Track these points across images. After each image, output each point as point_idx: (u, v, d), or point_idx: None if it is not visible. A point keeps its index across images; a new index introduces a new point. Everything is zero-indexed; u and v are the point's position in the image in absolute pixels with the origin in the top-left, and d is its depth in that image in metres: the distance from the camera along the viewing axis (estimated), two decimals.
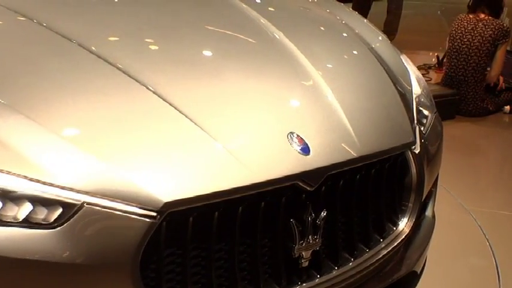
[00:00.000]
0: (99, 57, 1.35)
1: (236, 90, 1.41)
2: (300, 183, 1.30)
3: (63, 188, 1.10)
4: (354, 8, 6.63)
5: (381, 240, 1.53)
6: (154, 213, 1.13)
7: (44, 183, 1.10)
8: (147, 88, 1.30)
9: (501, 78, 4.60)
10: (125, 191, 1.13)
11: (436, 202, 3.13)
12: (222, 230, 1.24)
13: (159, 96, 1.29)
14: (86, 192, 1.11)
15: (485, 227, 2.94)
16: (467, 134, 4.39)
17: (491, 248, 2.75)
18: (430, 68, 5.56)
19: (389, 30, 7.03)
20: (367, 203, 1.48)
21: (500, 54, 4.46)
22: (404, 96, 1.69)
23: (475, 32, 4.42)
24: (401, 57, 1.96)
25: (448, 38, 4.65)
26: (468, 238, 2.87)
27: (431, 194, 1.88)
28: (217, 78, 1.43)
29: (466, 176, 3.62)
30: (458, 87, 4.54)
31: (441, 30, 4.69)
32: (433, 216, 1.91)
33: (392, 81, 1.70)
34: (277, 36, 1.68)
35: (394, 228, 1.57)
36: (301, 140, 1.34)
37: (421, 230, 1.79)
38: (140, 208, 1.12)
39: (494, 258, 2.67)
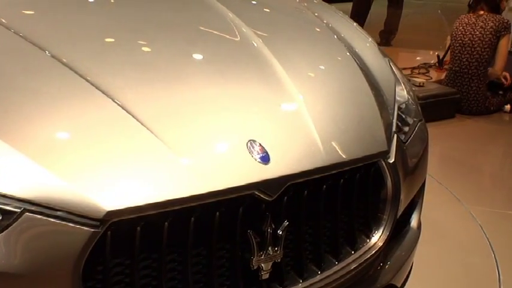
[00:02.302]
0: (55, 59, 1.31)
1: (198, 96, 1.36)
2: (258, 193, 1.24)
3: (2, 195, 1.07)
4: (354, 8, 6.58)
5: (352, 252, 1.46)
6: (96, 222, 1.09)
7: None
8: (99, 90, 1.26)
9: (507, 75, 4.56)
10: (67, 199, 1.09)
11: (436, 201, 3.09)
12: (174, 241, 1.19)
13: (111, 98, 1.25)
14: (27, 200, 1.07)
15: (486, 226, 2.89)
16: (468, 132, 4.35)
17: (491, 248, 2.70)
18: (430, 67, 5.50)
19: (390, 29, 6.93)
20: (336, 214, 1.42)
21: (503, 46, 4.48)
22: (383, 104, 1.62)
23: (477, 25, 4.49)
24: (388, 62, 1.88)
25: (449, 37, 4.69)
26: (468, 237, 2.82)
27: (416, 204, 1.81)
28: (179, 83, 1.38)
29: (466, 174, 3.57)
30: (461, 82, 4.54)
31: (441, 29, 4.70)
32: (419, 227, 1.83)
33: (371, 88, 1.63)
34: (254, 42, 1.62)
35: (368, 241, 1.50)
36: (262, 148, 1.28)
37: (404, 242, 1.72)
38: (82, 217, 1.08)
39: (495, 258, 2.62)
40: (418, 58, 5.97)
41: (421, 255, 1.83)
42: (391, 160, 1.49)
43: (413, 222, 1.80)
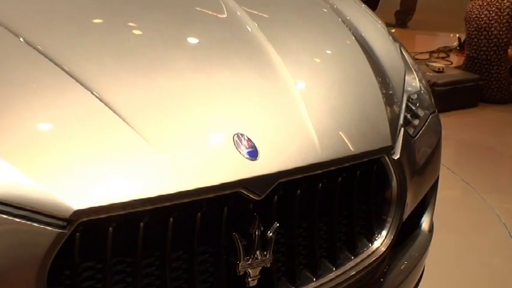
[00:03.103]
0: (29, 45, 1.27)
1: (181, 85, 1.32)
2: (244, 192, 1.20)
3: None
4: None
5: (352, 258, 1.42)
6: (63, 222, 1.05)
7: None
8: (74, 78, 1.22)
9: None
10: (31, 196, 1.05)
11: (456, 197, 3.04)
12: (151, 243, 1.16)
13: (86, 87, 1.21)
14: None
15: (511, 224, 2.81)
16: (491, 122, 4.28)
17: None
18: (450, 50, 5.41)
19: (406, 9, 6.81)
20: (333, 215, 1.38)
21: None
22: (390, 94, 1.57)
23: (492, 5, 4.41)
24: (399, 48, 1.83)
25: (464, 22, 4.61)
26: (492, 236, 2.78)
27: (428, 205, 1.76)
28: (162, 70, 1.34)
29: (489, 169, 3.52)
30: (480, 69, 4.47)
31: (463, 9, 4.64)
32: (431, 230, 1.78)
33: (377, 76, 1.58)
34: (248, 27, 1.58)
35: (370, 245, 1.46)
36: (250, 142, 1.24)
37: (413, 246, 1.67)
38: (47, 216, 1.05)
39: None
40: (437, 41, 5.89)
41: (438, 256, 1.80)
42: (396, 156, 1.44)
43: (424, 225, 1.75)
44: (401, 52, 1.83)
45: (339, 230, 1.41)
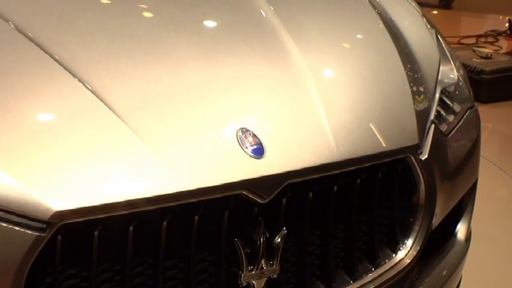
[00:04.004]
0: (19, 32, 1.25)
1: (182, 75, 1.28)
2: (247, 193, 1.15)
3: None
4: None
5: (372, 269, 1.36)
6: (42, 225, 1.02)
7: None
8: (63, 66, 1.20)
9: None
10: (9, 196, 1.03)
11: (507, 198, 2.92)
12: (142, 250, 1.12)
13: (76, 77, 1.18)
14: None
15: None
16: None
17: None
18: (500, 34, 5.20)
19: None
20: (350, 221, 1.32)
21: None
22: (421, 86, 1.51)
23: None
24: (434, 35, 1.76)
25: None
26: None
27: (465, 211, 1.68)
28: (162, 58, 1.30)
29: None
30: None
31: None
32: (468, 239, 1.70)
33: (405, 67, 1.51)
34: (262, 11, 1.53)
35: (393, 256, 1.40)
36: (255, 138, 1.19)
37: (447, 257, 1.60)
38: (24, 217, 1.02)
39: None
40: (485, 24, 5.71)
41: (484, 265, 1.72)
42: (424, 157, 1.38)
43: (460, 233, 1.68)
44: (437, 39, 1.75)
45: (358, 238, 1.35)
